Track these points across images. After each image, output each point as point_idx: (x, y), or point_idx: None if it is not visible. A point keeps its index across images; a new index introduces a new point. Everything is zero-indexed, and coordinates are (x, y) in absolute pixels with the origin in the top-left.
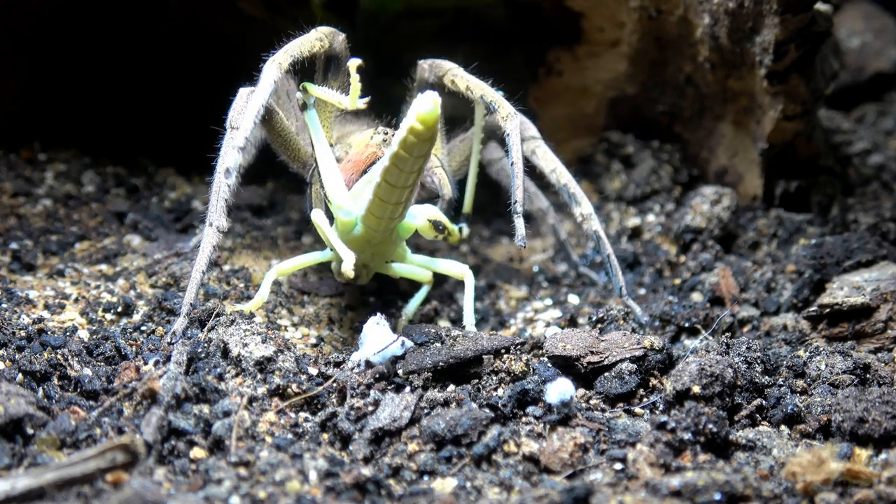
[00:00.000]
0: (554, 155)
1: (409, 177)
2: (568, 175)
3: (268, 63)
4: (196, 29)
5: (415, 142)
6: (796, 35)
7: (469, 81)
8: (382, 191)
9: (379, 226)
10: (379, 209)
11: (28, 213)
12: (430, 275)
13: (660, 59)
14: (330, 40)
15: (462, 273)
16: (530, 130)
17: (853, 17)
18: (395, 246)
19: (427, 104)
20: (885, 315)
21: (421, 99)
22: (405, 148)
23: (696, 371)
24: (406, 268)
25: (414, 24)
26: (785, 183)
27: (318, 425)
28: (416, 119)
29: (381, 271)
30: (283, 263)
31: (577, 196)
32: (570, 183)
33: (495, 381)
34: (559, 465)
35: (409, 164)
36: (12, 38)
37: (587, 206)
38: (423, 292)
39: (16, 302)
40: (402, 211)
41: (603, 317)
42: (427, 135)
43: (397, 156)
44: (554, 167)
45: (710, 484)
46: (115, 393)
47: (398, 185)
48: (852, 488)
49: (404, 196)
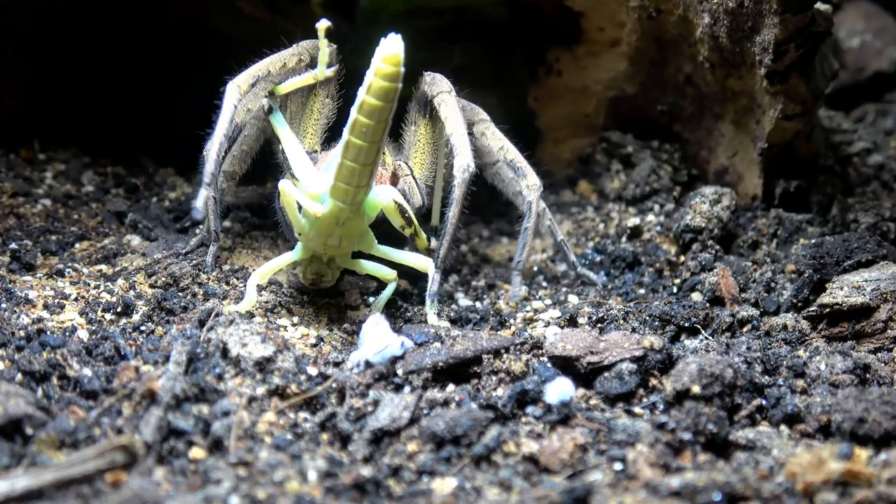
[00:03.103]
0: (501, 133)
1: (377, 131)
2: (514, 151)
3: (228, 86)
4: (196, 28)
5: (382, 85)
6: (796, 35)
7: (449, 113)
8: (350, 152)
9: (346, 196)
10: (347, 175)
11: (28, 212)
12: (394, 273)
13: (659, 59)
14: (312, 53)
15: (426, 266)
16: (479, 115)
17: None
18: (362, 226)
19: (392, 46)
20: (885, 315)
21: (385, 42)
22: (373, 93)
23: (696, 371)
24: (372, 265)
25: (414, 24)
26: (785, 183)
27: (318, 425)
28: (381, 61)
29: (348, 266)
30: (261, 268)
31: (524, 169)
32: (516, 158)
33: (495, 381)
34: (559, 465)
35: (376, 114)
36: (12, 37)
37: (533, 178)
38: (390, 290)
39: (15, 302)
40: (368, 179)
41: (603, 317)
42: (394, 75)
43: (365, 104)
44: (502, 145)
45: (710, 484)
46: (115, 393)
47: (365, 142)
48: (852, 488)
49: (371, 157)
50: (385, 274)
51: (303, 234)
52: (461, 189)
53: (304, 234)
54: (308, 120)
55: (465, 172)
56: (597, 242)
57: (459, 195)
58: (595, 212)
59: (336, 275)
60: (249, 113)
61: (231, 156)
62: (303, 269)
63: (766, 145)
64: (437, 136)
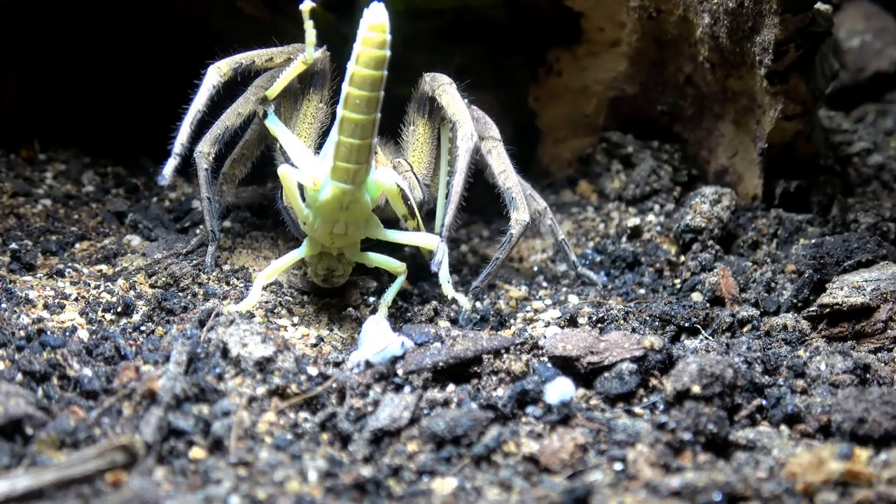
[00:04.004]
0: (507, 158)
1: (371, 102)
2: (514, 179)
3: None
4: (196, 28)
5: (371, 53)
6: (796, 35)
7: (451, 98)
8: (346, 127)
9: (347, 175)
10: (345, 153)
11: (28, 212)
12: (403, 266)
13: (660, 59)
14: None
15: (434, 244)
16: (491, 131)
17: (853, 17)
18: (367, 209)
19: (377, 15)
20: (885, 315)
21: (369, 11)
22: (363, 63)
23: (696, 371)
24: (381, 258)
25: (414, 24)
26: (785, 183)
27: (318, 425)
28: (367, 29)
29: (357, 259)
30: (268, 268)
31: (517, 202)
32: (513, 187)
33: (495, 381)
34: (559, 465)
35: (368, 84)
36: (12, 37)
37: (523, 214)
38: (399, 283)
39: (15, 302)
40: (367, 156)
41: (603, 317)
42: (381, 41)
43: (356, 76)
44: (504, 169)
45: (710, 484)
46: (115, 393)
47: (360, 115)
48: (852, 488)
49: (368, 132)
50: (395, 266)
51: (308, 224)
52: (465, 158)
53: (309, 223)
54: (302, 124)
55: (469, 141)
56: (597, 242)
57: (463, 165)
58: (595, 212)
59: (348, 270)
60: (240, 117)
61: (231, 159)
62: (313, 267)
63: (767, 145)
64: (435, 137)
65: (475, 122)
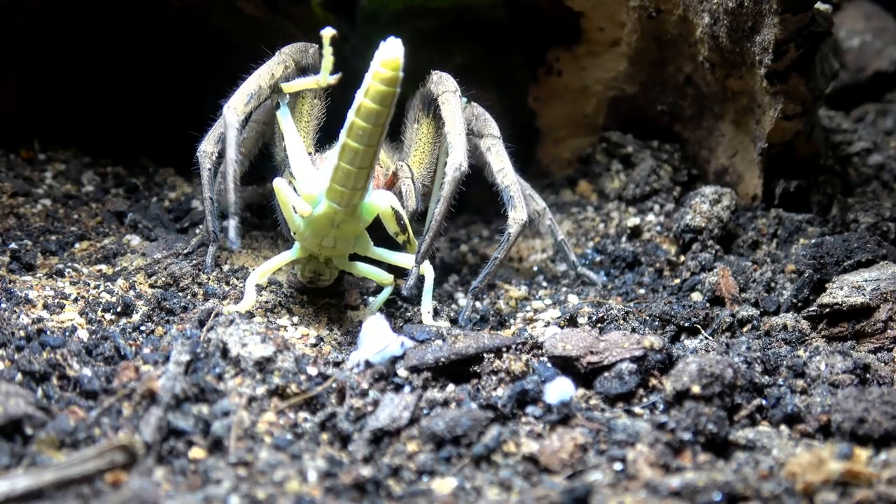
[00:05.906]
0: (506, 156)
1: (374, 134)
2: (512, 177)
3: (224, 110)
4: (196, 28)
5: (380, 89)
6: (796, 35)
7: (450, 112)
8: (346, 154)
9: (341, 199)
10: (342, 177)
11: (27, 212)
12: (391, 278)
13: (659, 59)
14: (297, 59)
15: (421, 267)
16: (490, 128)
17: (853, 16)
18: (358, 228)
19: (392, 51)
20: (885, 315)
21: (385, 46)
22: (371, 97)
23: (696, 371)
24: (368, 268)
25: (414, 24)
26: (785, 183)
27: (318, 425)
28: (380, 65)
29: (344, 268)
30: (260, 267)
31: (515, 200)
32: (511, 186)
33: (495, 380)
34: (559, 465)
35: (373, 118)
36: (12, 37)
37: (521, 213)
38: (386, 293)
39: (15, 302)
40: (364, 182)
41: (603, 317)
42: (392, 79)
43: (362, 108)
44: (502, 167)
45: (710, 484)
46: (115, 393)
47: (362, 145)
48: (852, 488)
49: (367, 161)
50: (382, 278)
51: (298, 234)
52: (451, 186)
53: (299, 233)
54: (298, 123)
55: (457, 171)
56: (597, 242)
57: (448, 193)
58: (595, 212)
59: (334, 275)
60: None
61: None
62: (301, 267)
63: (766, 145)
64: (438, 136)
65: (474, 119)
